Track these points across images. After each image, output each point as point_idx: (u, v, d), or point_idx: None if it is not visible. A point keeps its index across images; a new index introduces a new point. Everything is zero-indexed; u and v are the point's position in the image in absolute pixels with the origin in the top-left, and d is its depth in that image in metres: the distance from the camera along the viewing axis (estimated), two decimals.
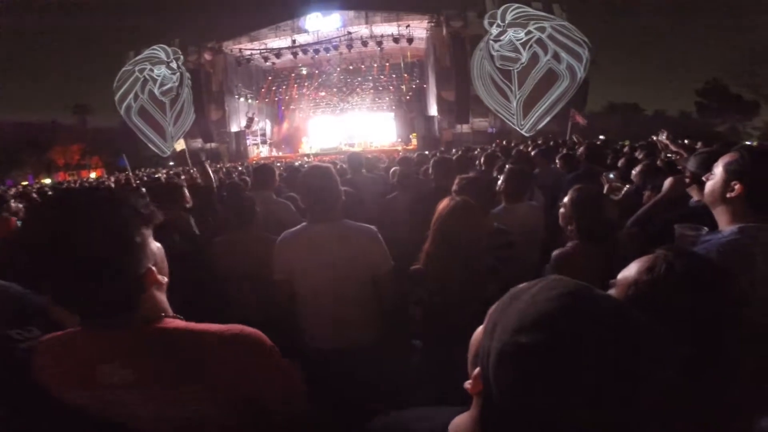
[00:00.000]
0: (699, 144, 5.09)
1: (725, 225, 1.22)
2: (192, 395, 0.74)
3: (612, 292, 0.76)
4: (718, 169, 1.24)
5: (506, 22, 15.77)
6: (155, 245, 0.80)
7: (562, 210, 1.59)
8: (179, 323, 0.79)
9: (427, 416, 0.66)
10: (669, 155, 3.46)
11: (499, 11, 15.82)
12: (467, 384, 0.51)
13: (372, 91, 23.14)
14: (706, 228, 1.33)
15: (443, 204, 1.62)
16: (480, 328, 0.54)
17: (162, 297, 0.81)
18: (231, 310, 1.98)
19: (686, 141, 5.88)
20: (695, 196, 1.82)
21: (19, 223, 1.17)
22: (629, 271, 0.73)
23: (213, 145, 20.22)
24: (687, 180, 1.74)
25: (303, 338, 1.73)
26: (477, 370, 0.49)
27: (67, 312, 1.01)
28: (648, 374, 0.42)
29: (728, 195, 1.19)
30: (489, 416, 0.49)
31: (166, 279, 0.82)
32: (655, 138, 4.77)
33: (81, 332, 0.78)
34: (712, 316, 0.65)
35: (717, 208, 1.24)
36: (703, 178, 1.30)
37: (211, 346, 0.76)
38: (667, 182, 1.85)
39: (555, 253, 1.58)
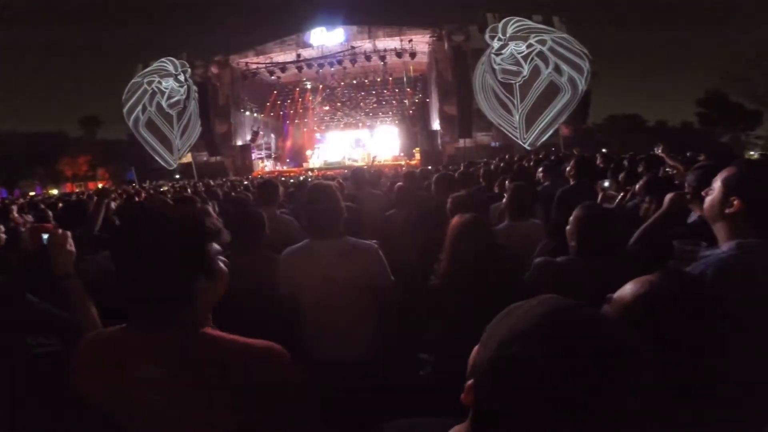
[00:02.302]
0: (702, 156, 5.08)
1: (724, 241, 1.22)
2: (217, 401, 0.77)
3: (607, 308, 0.77)
4: (717, 184, 1.24)
5: (507, 35, 15.97)
6: (222, 264, 0.88)
7: (568, 226, 1.59)
8: (216, 332, 0.84)
9: (422, 427, 0.68)
10: (667, 169, 3.45)
11: (500, 25, 16.03)
12: (463, 396, 0.54)
13: (375, 105, 23.40)
14: (704, 243, 1.33)
15: (455, 221, 1.64)
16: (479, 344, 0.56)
17: (208, 309, 0.87)
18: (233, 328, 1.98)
19: (688, 154, 5.87)
20: (696, 212, 1.83)
21: (45, 237, 1.24)
22: (625, 291, 0.73)
23: (218, 158, 20.40)
24: (687, 195, 1.75)
25: (305, 351, 1.75)
26: (470, 381, 0.52)
27: (89, 323, 1.06)
28: (623, 387, 0.44)
29: (727, 210, 1.20)
30: (478, 426, 0.52)
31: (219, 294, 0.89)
32: (653, 150, 4.79)
33: (121, 331, 0.84)
34: (704, 343, 0.66)
35: (716, 224, 1.24)
36: (702, 193, 1.31)
37: (244, 356, 0.80)
38: (667, 198, 1.86)
39: (540, 259, 1.58)
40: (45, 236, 1.25)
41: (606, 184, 2.24)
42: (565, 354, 0.45)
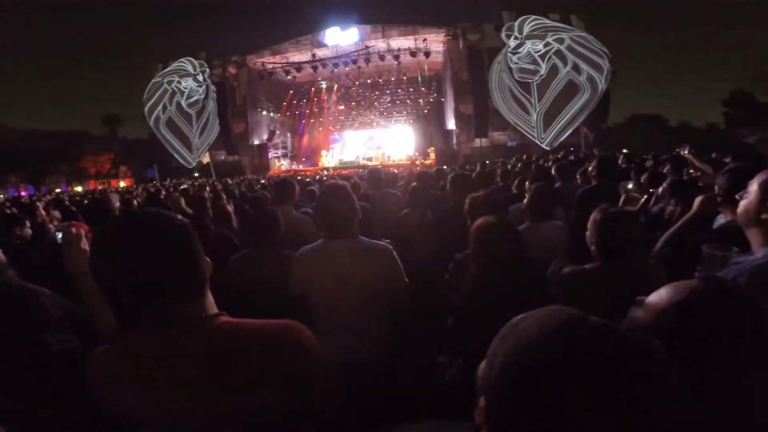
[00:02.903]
0: (728, 158, 4.90)
1: (759, 246, 1.17)
2: (255, 384, 0.75)
3: (638, 312, 0.74)
4: (753, 187, 1.19)
5: (524, 34, 15.72)
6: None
7: (588, 231, 1.57)
8: (233, 319, 0.83)
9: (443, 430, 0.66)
10: (691, 171, 3.34)
11: (516, 23, 15.79)
12: (476, 414, 0.52)
13: (390, 104, 23.39)
14: (736, 249, 1.28)
15: (478, 224, 1.61)
16: (485, 361, 0.55)
17: (211, 298, 0.86)
18: None
19: (713, 155, 5.67)
20: (727, 215, 1.75)
21: (59, 235, 1.23)
22: (660, 297, 0.69)
23: (236, 157, 20.71)
24: (718, 198, 1.68)
25: None
26: (482, 400, 0.50)
27: (102, 322, 1.07)
28: (643, 404, 0.42)
29: (764, 215, 1.15)
30: None
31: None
32: (678, 151, 4.63)
33: (133, 334, 0.83)
34: (745, 354, 0.62)
35: (750, 229, 1.19)
36: (736, 197, 1.26)
37: (270, 335, 0.79)
38: (697, 200, 1.79)
39: (567, 270, 1.54)
40: (59, 234, 1.23)
41: (629, 185, 2.19)
42: (579, 371, 0.42)
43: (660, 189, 2.60)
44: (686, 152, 3.42)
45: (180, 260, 0.79)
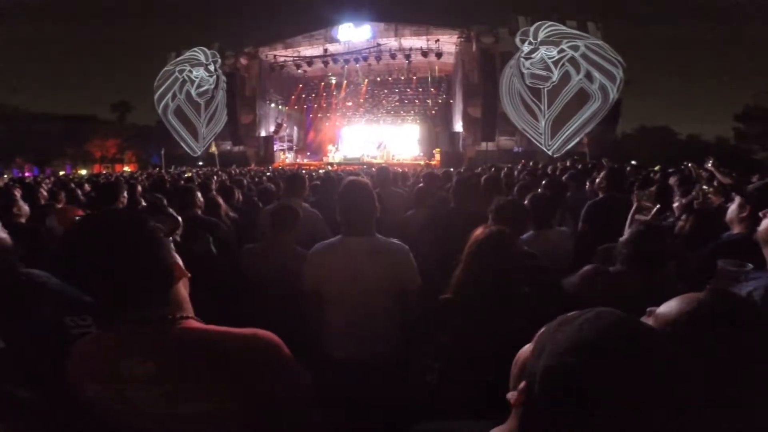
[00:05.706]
0: (733, 173, 4.91)
1: None
2: (210, 392, 0.76)
3: (648, 320, 0.74)
4: None
5: (538, 39, 15.67)
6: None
7: (621, 240, 1.62)
8: (200, 324, 0.84)
9: (462, 429, 0.70)
10: (704, 187, 3.33)
11: (532, 28, 15.74)
12: (510, 395, 0.56)
13: (398, 103, 23.37)
14: (750, 265, 1.27)
15: (478, 232, 1.59)
16: (527, 347, 0.59)
17: (186, 298, 0.87)
18: (254, 316, 2.03)
19: (733, 174, 5.67)
20: (735, 228, 1.74)
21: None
22: (669, 308, 0.70)
23: (241, 148, 20.76)
24: (744, 213, 1.67)
25: (321, 348, 1.76)
26: (522, 384, 0.54)
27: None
28: (677, 405, 0.47)
29: None
30: (529, 428, 0.54)
31: (189, 275, 0.88)
32: (690, 164, 4.60)
33: (108, 331, 0.84)
34: (751, 366, 0.63)
35: None
36: (760, 214, 1.26)
37: (231, 345, 0.79)
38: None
39: (590, 267, 1.57)
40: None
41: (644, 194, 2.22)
42: (623, 369, 0.47)
43: (675, 206, 2.60)
44: (710, 164, 3.42)
45: (140, 264, 0.79)
